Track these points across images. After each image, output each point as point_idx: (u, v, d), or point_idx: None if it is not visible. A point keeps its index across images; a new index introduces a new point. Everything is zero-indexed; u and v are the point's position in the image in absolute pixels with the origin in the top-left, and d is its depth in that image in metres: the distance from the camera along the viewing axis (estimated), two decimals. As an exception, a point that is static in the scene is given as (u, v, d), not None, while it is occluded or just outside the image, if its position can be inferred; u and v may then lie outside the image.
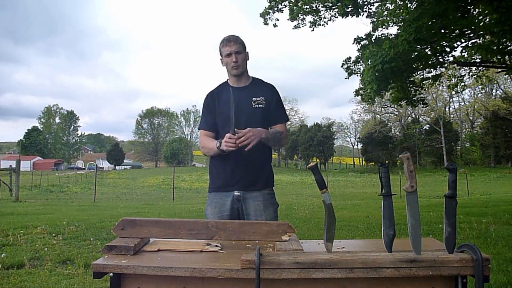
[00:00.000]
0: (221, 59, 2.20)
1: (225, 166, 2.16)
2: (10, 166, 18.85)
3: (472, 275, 1.30)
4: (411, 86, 9.42)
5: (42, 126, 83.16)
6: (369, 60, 7.92)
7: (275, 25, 9.80)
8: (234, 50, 2.11)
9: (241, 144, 1.92)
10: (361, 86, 9.65)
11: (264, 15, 9.66)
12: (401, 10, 8.53)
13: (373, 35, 9.47)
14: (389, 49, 7.34)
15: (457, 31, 7.50)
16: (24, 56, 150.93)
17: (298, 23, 9.59)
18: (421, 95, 10.00)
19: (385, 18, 9.55)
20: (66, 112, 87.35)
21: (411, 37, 6.79)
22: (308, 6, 9.15)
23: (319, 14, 9.35)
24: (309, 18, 9.53)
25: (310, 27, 9.64)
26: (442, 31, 7.23)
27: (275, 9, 9.46)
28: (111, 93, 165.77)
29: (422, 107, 11.93)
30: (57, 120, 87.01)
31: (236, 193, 2.15)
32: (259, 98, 2.16)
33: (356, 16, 9.31)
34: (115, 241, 1.57)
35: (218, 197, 2.19)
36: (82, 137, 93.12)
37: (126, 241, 1.58)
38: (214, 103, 2.20)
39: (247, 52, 2.21)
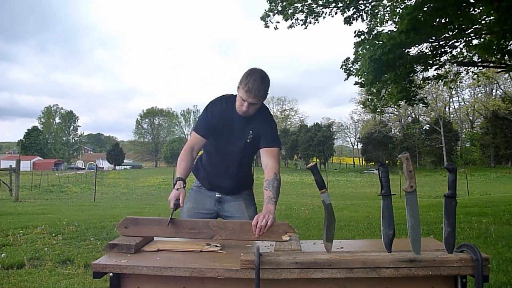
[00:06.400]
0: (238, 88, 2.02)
1: (209, 173, 2.23)
2: (10, 166, 18.81)
3: (471, 275, 1.31)
4: (409, 85, 9.41)
5: (42, 126, 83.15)
6: (366, 50, 7.86)
7: (276, 28, 9.81)
8: (251, 101, 1.95)
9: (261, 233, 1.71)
10: (359, 80, 9.52)
11: (264, 18, 9.67)
12: (399, 9, 8.54)
13: (371, 33, 9.49)
14: (388, 40, 7.33)
15: (456, 30, 7.50)
16: (17, 54, 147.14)
17: (293, 23, 9.60)
18: (421, 95, 9.99)
19: (382, 15, 9.57)
20: (65, 112, 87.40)
21: (407, 27, 6.75)
22: (300, 4, 9.15)
23: (313, 11, 9.33)
24: (301, 16, 9.51)
25: (302, 25, 9.65)
26: (441, 26, 7.21)
27: (275, 11, 9.46)
28: (108, 92, 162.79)
29: (423, 106, 11.96)
30: (57, 120, 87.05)
31: (217, 195, 2.22)
32: (251, 133, 2.09)
33: (362, 21, 9.35)
34: (117, 239, 1.58)
35: (200, 196, 2.26)
36: (82, 137, 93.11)
37: (128, 239, 1.59)
38: (215, 119, 2.10)
39: (267, 94, 2.03)
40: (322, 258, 1.33)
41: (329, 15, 9.38)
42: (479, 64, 10.12)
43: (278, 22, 9.77)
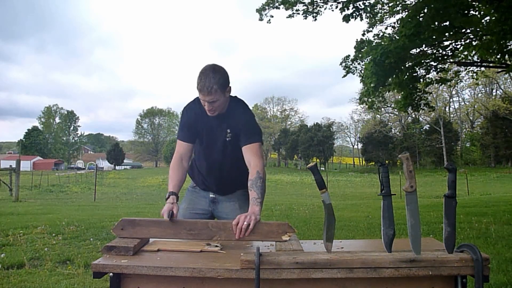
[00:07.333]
0: None
1: (201, 173, 2.24)
2: (10, 166, 18.83)
3: (471, 275, 1.31)
4: (414, 91, 9.38)
5: (42, 126, 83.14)
6: (369, 54, 7.87)
7: (269, 21, 9.77)
8: (208, 100, 1.88)
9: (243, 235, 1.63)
10: (362, 85, 9.58)
11: (260, 10, 9.63)
12: (399, 7, 8.55)
13: (371, 31, 9.50)
14: (389, 42, 7.34)
15: (457, 29, 7.50)
16: (16, 54, 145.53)
17: (293, 13, 9.57)
18: (427, 100, 9.92)
19: (381, 15, 9.58)
20: (66, 112, 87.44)
21: (410, 31, 6.79)
22: None
23: (314, 2, 9.30)
24: (301, 7, 9.47)
25: (302, 14, 9.60)
26: (442, 26, 7.21)
27: (271, 5, 9.44)
28: (108, 92, 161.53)
29: (429, 111, 11.94)
30: (57, 120, 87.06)
31: (211, 195, 2.23)
32: (229, 132, 2.04)
33: (361, 20, 9.34)
34: (115, 241, 1.56)
35: (195, 196, 2.27)
36: (82, 137, 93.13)
37: (125, 241, 1.57)
38: (192, 121, 2.09)
39: (229, 87, 1.96)
40: (322, 258, 1.33)
41: (329, 9, 9.38)
42: (479, 64, 10.11)
43: (272, 16, 9.73)
